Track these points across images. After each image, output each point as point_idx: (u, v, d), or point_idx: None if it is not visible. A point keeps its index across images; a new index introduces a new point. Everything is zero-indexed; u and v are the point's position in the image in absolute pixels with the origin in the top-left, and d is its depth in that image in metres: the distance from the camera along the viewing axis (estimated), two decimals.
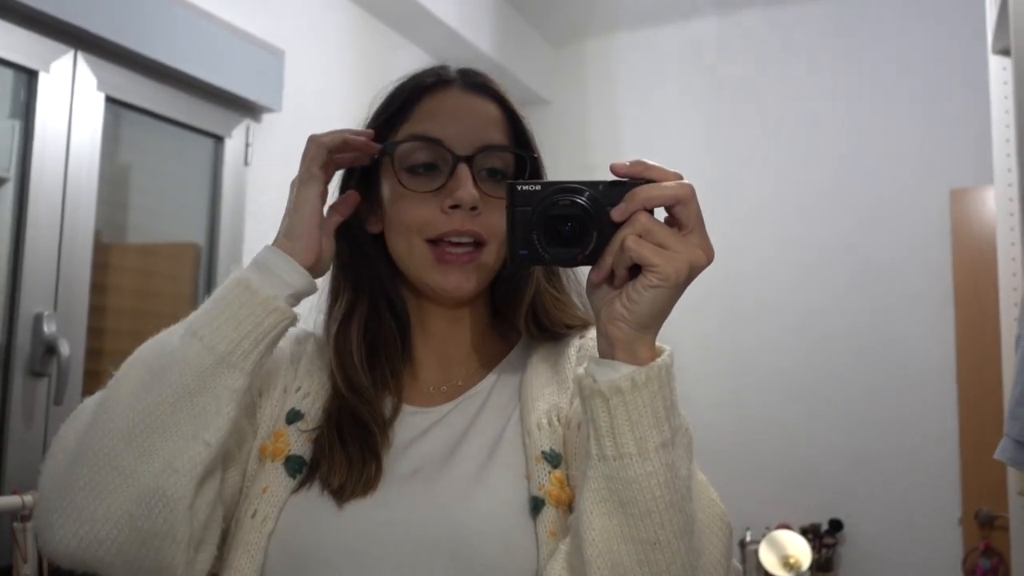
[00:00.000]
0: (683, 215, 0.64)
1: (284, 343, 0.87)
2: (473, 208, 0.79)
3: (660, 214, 0.66)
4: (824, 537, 2.79)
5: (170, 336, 0.76)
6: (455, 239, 0.80)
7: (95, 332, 1.81)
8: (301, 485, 0.78)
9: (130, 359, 0.76)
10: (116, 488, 0.68)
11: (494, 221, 0.79)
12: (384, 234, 0.85)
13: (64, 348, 1.65)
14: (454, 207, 0.79)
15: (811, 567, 2.66)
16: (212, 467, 0.73)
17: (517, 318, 0.86)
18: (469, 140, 0.81)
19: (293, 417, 0.82)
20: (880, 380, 2.88)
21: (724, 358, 3.02)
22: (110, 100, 1.85)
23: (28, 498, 1.42)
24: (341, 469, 0.76)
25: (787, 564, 2.63)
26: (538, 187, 0.67)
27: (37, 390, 1.67)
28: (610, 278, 0.66)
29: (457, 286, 0.80)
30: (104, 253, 1.84)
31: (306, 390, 0.84)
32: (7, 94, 1.72)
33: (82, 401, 0.79)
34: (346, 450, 0.78)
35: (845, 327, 2.94)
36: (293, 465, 0.78)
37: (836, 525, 2.82)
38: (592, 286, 0.68)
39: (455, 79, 0.85)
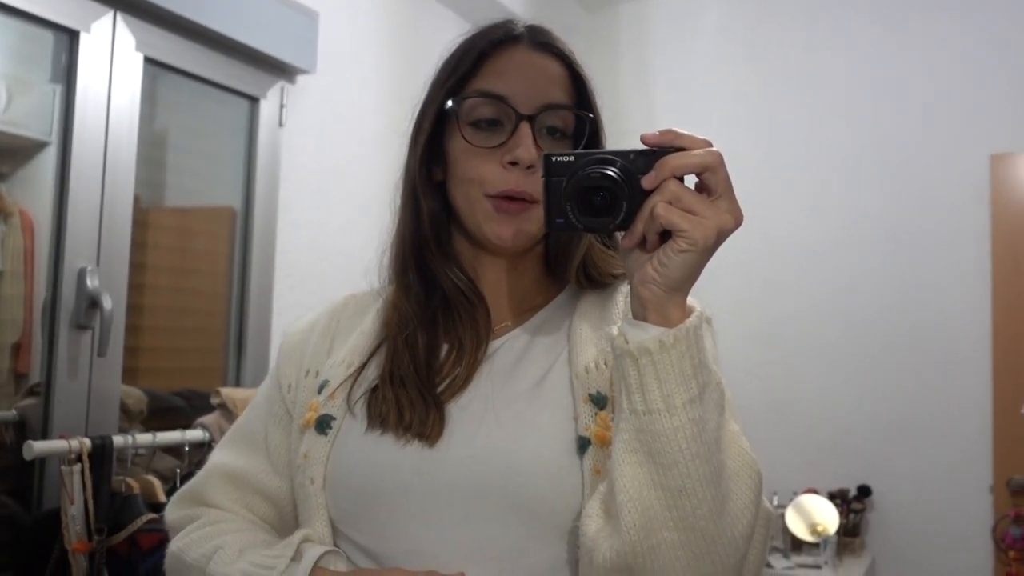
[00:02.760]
0: (711, 181, 0.67)
1: (313, 326, 0.94)
2: (530, 167, 0.82)
3: (691, 181, 0.69)
4: (852, 503, 2.79)
5: None
6: (513, 196, 0.83)
7: (136, 288, 1.87)
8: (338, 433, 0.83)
9: None
10: None
11: None
12: (446, 184, 0.89)
13: (107, 302, 1.70)
14: (513, 164, 0.82)
15: (838, 532, 2.66)
16: None
17: (568, 270, 0.89)
18: (532, 99, 0.84)
19: (322, 387, 0.87)
20: (914, 346, 2.85)
21: (757, 323, 3.01)
22: (148, 61, 1.88)
23: (75, 443, 1.48)
24: (401, 411, 0.81)
25: (814, 530, 2.65)
26: (572, 158, 0.70)
27: (81, 342, 1.73)
28: (642, 243, 0.70)
29: (514, 236, 0.84)
30: (143, 214, 1.89)
31: (341, 357, 0.88)
32: (48, 58, 1.76)
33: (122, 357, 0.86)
34: (406, 392, 0.82)
35: (880, 293, 2.92)
36: (322, 425, 0.84)
37: (865, 491, 2.82)
38: (625, 251, 0.71)
39: (523, 35, 0.87)
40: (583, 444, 0.77)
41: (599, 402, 0.79)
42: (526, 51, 0.87)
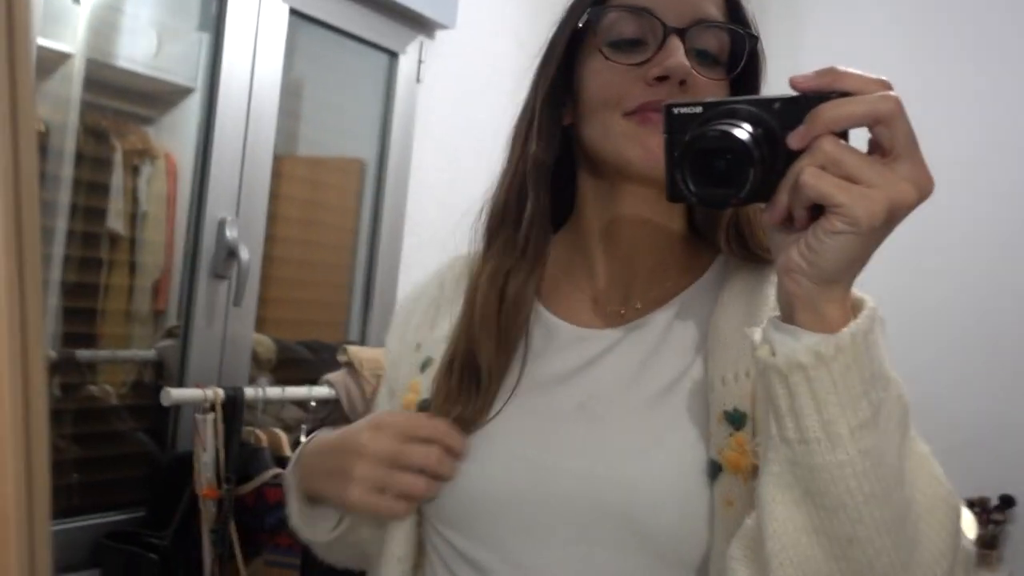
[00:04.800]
0: (886, 137, 0.50)
1: (421, 294, 0.86)
2: (682, 83, 0.68)
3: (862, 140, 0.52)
4: (992, 512, 2.60)
5: None
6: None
7: (267, 238, 1.89)
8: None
9: None
10: None
11: (710, 95, 0.69)
12: (575, 126, 0.76)
13: (244, 253, 1.72)
14: (661, 79, 0.68)
15: (975, 542, 2.49)
16: None
17: (716, 233, 0.75)
18: (682, 12, 0.70)
19: (425, 364, 0.78)
20: None
21: (902, 311, 2.80)
22: (293, 12, 1.87)
23: (209, 392, 1.51)
24: (461, 400, 0.72)
25: None
26: (699, 109, 0.55)
27: (218, 291, 1.76)
28: (789, 219, 0.54)
29: (659, 148, 0.62)
30: (277, 163, 1.90)
31: (444, 331, 0.79)
32: (197, 6, 1.78)
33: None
34: (461, 383, 0.73)
35: None
36: (424, 411, 0.74)
37: (1008, 501, 2.62)
38: (771, 229, 0.56)
39: None
40: (714, 470, 0.65)
41: (736, 421, 0.65)
42: None
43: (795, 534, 0.54)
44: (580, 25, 0.74)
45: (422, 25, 2.18)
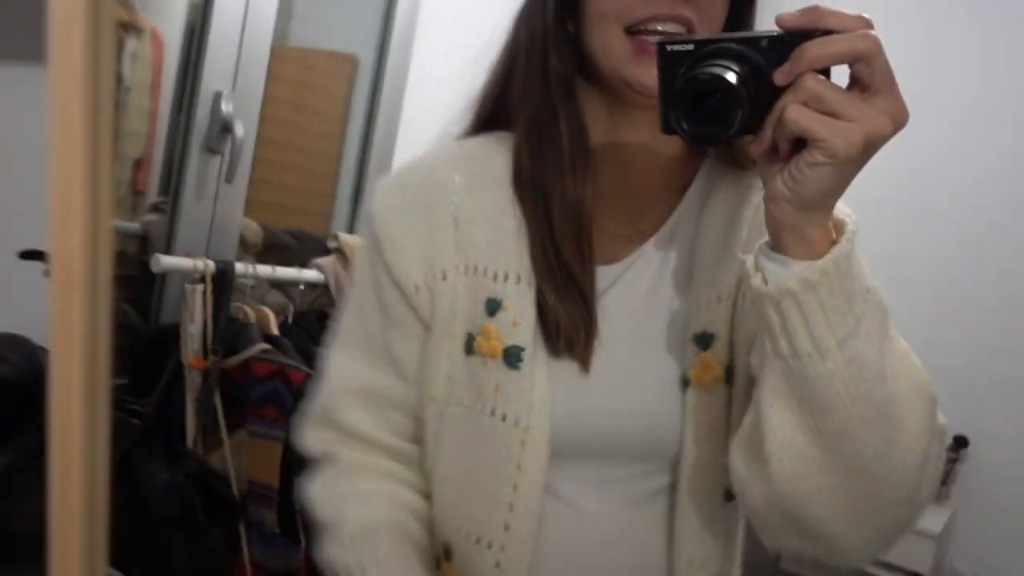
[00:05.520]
0: (865, 73, 0.54)
1: (413, 206, 0.79)
2: None
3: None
4: (946, 452, 2.70)
5: None
6: (659, 27, 0.68)
7: (261, 119, 1.84)
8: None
9: None
10: None
11: (713, 7, 0.69)
12: (577, 36, 0.75)
13: (239, 128, 1.68)
14: None
15: None
16: None
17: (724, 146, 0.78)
18: None
19: (494, 308, 0.76)
20: None
21: (873, 253, 2.85)
22: None
23: (200, 263, 1.49)
24: (571, 336, 0.74)
25: None
26: (690, 46, 0.58)
27: (210, 166, 1.72)
28: (775, 150, 0.58)
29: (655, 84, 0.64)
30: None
31: (495, 266, 0.77)
32: None
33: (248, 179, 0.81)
34: (570, 317, 0.74)
35: (1009, 244, 2.72)
36: (512, 359, 0.75)
37: (961, 441, 2.72)
38: (758, 158, 0.60)
39: None
40: (684, 384, 0.74)
41: (703, 341, 0.74)
42: None
43: (791, 434, 0.61)
44: None
45: None
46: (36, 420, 0.70)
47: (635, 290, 0.77)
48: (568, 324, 0.73)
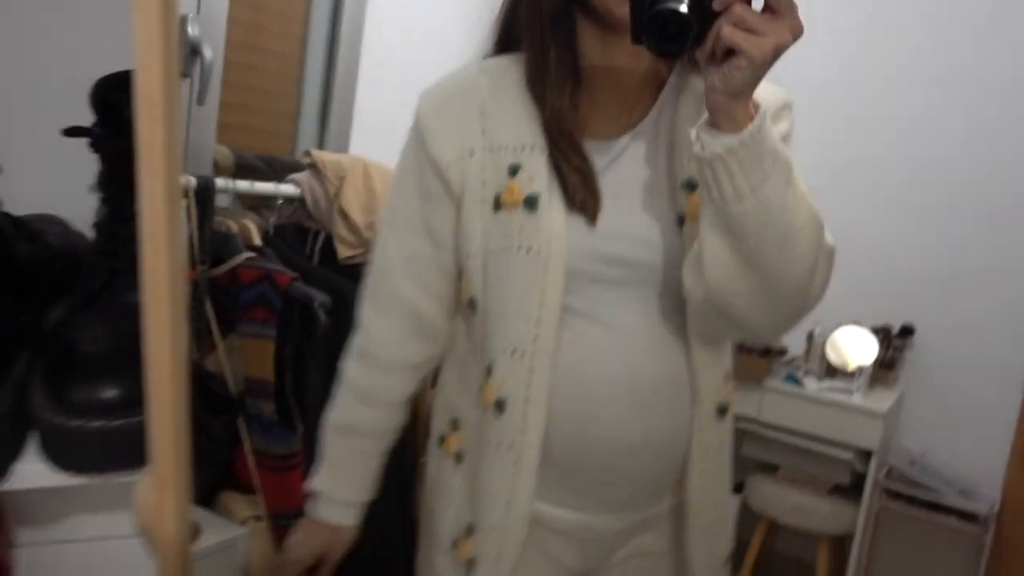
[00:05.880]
0: (772, 2, 0.77)
1: (449, 106, 1.01)
2: None
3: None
4: (893, 339, 2.87)
5: None
6: None
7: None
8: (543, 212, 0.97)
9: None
10: None
11: None
12: None
13: (207, 51, 1.74)
14: None
15: (874, 363, 2.77)
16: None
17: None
18: None
19: (515, 171, 0.97)
20: (980, 199, 2.83)
21: (830, 157, 2.98)
22: None
23: (182, 180, 1.57)
24: (575, 192, 0.95)
25: (848, 361, 2.75)
26: None
27: (181, 90, 1.78)
28: (713, 57, 0.79)
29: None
30: None
31: (514, 142, 0.98)
32: None
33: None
34: (575, 176, 0.96)
35: (955, 142, 2.86)
36: (530, 204, 0.96)
37: (907, 330, 2.90)
38: (702, 63, 0.81)
39: None
40: (680, 220, 0.97)
41: (689, 187, 0.96)
42: None
43: (720, 252, 0.86)
44: None
45: None
46: (76, 282, 0.82)
47: (635, 159, 0.98)
48: (579, 182, 0.95)
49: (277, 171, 2.01)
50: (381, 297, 1.08)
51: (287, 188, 1.80)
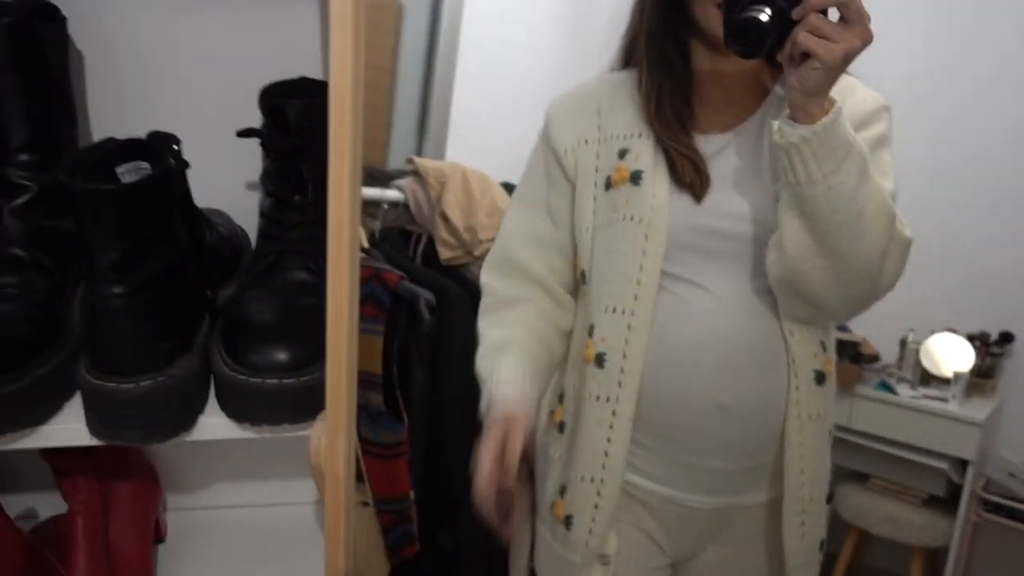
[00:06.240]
0: (845, 12, 0.86)
1: (574, 104, 1.15)
2: None
3: None
4: (991, 346, 2.81)
5: None
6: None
7: None
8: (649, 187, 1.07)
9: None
10: None
11: None
12: (687, 3, 1.06)
13: None
14: None
15: (971, 372, 2.71)
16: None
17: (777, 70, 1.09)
18: None
19: (623, 154, 1.09)
20: None
21: (924, 158, 2.94)
22: None
23: None
24: (683, 170, 1.05)
25: (943, 368, 2.70)
26: None
27: None
28: (792, 60, 0.90)
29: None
30: None
31: (624, 132, 1.10)
32: None
33: None
34: (684, 160, 1.06)
35: None
36: (635, 178, 1.07)
37: (1007, 337, 2.82)
38: (784, 65, 0.91)
39: None
40: (776, 201, 1.03)
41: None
42: None
43: (796, 231, 0.96)
44: None
45: None
46: (240, 265, 0.93)
47: (740, 150, 1.08)
48: (688, 165, 1.05)
49: (376, 180, 2.12)
50: (504, 265, 1.18)
51: (392, 193, 1.90)
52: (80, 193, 0.65)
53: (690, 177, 1.05)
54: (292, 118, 0.83)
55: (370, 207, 1.95)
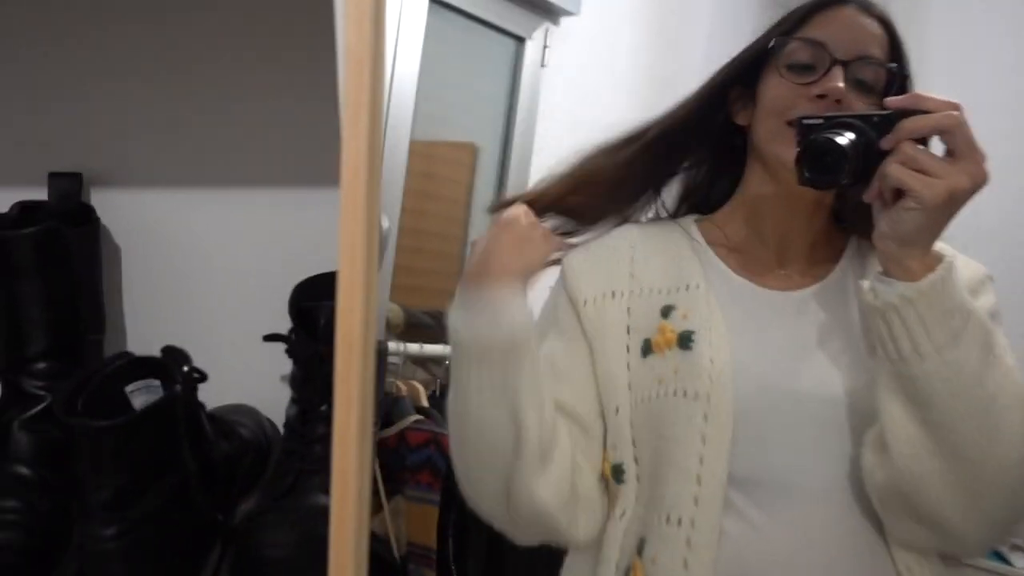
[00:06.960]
0: (951, 143, 0.71)
1: (598, 253, 0.96)
2: (838, 101, 0.84)
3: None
4: None
5: None
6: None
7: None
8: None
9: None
10: None
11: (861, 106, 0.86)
12: (749, 127, 0.94)
13: (385, 221, 1.84)
14: (821, 96, 0.85)
15: None
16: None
17: (859, 218, 0.87)
18: (849, 48, 0.87)
19: (667, 311, 0.89)
20: None
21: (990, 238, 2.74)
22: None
23: None
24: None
25: None
26: (821, 120, 0.77)
27: None
28: (883, 199, 0.74)
29: None
30: None
31: (667, 285, 0.91)
32: None
33: None
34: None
35: None
36: (685, 341, 0.86)
37: None
38: (873, 207, 0.76)
39: (852, 1, 0.92)
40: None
41: None
42: (853, 12, 0.91)
43: (904, 424, 0.74)
44: (769, 47, 0.91)
45: (547, 11, 2.27)
46: (266, 473, 0.86)
47: (823, 308, 0.89)
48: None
49: (444, 326, 2.07)
50: None
51: None
52: (75, 429, 0.60)
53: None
54: (322, 322, 0.79)
55: (433, 364, 1.90)
